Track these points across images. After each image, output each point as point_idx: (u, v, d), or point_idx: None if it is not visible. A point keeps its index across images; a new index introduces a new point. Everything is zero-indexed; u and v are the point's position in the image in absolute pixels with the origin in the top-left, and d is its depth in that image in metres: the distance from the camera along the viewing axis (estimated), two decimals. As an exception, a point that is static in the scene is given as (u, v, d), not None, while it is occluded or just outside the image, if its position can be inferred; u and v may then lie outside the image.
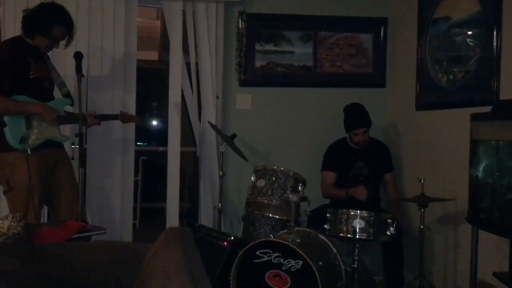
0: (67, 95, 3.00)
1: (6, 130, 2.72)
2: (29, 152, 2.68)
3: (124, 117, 3.24)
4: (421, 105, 3.60)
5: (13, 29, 3.51)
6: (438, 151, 3.37)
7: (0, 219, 2.13)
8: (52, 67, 2.97)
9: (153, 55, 6.28)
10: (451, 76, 3.24)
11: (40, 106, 2.79)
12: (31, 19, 2.83)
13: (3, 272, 1.58)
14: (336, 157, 3.63)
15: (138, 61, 3.81)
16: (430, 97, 3.48)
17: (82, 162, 2.63)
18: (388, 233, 2.88)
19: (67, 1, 3.42)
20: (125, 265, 1.75)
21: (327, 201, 3.61)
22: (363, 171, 3.57)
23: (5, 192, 2.80)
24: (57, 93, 3.02)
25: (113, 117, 3.20)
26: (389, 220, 2.89)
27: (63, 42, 2.93)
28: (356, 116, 3.54)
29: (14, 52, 2.81)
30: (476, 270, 2.56)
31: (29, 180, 2.66)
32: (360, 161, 3.57)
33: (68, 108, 3.03)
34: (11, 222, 2.09)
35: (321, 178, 3.65)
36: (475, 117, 2.49)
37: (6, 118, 2.73)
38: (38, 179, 2.77)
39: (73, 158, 2.81)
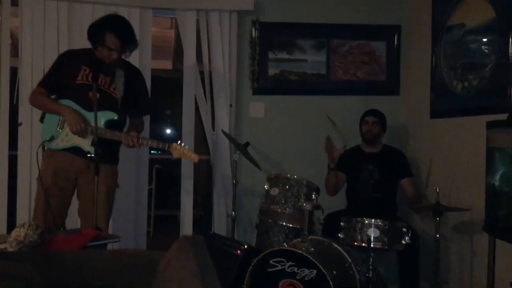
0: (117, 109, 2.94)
1: (43, 126, 2.90)
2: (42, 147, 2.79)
3: (177, 151, 2.98)
4: (435, 113, 3.57)
5: (30, 39, 3.57)
6: (453, 159, 3.33)
7: (17, 227, 2.16)
8: (119, 81, 2.93)
9: (167, 64, 6.34)
10: (466, 83, 3.21)
11: (67, 110, 2.82)
12: (88, 30, 2.89)
13: (19, 280, 1.60)
14: (348, 159, 3.61)
15: (153, 70, 3.85)
16: (445, 104, 3.46)
17: (97, 171, 2.65)
18: (403, 242, 2.84)
19: (83, 12, 3.48)
20: (139, 272, 1.76)
21: (341, 207, 3.58)
22: (374, 175, 3.55)
23: None
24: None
25: (160, 147, 2.97)
26: (404, 229, 2.85)
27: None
28: (370, 109, 3.64)
29: (69, 57, 2.97)
30: (494, 280, 2.52)
31: (43, 177, 2.78)
32: (371, 165, 3.56)
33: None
34: (27, 230, 2.11)
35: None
36: (491, 125, 2.47)
37: (46, 115, 2.91)
38: (54, 180, 2.83)
39: (88, 167, 2.82)
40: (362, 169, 3.57)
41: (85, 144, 2.85)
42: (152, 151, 4.81)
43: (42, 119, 2.95)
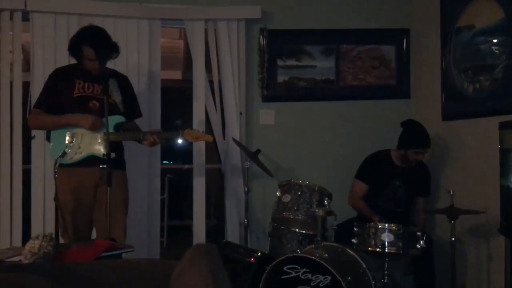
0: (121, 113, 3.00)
1: (51, 144, 2.91)
2: (57, 165, 2.77)
3: (190, 136, 3.05)
4: (447, 115, 3.54)
5: (42, 54, 3.62)
6: (467, 161, 3.30)
7: (31, 239, 2.18)
8: (113, 88, 2.99)
9: (177, 74, 6.37)
10: (477, 85, 3.18)
11: (76, 116, 2.87)
12: (68, 47, 2.96)
13: (34, 291, 1.61)
14: (375, 169, 3.50)
15: (162, 80, 3.87)
16: (457, 106, 3.43)
17: (109, 182, 2.67)
18: (418, 246, 2.81)
19: (92, 23, 3.51)
20: (153, 282, 1.76)
21: (353, 214, 3.56)
22: (399, 191, 3.44)
23: None
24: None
25: (174, 136, 3.14)
26: (418, 233, 2.82)
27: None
28: (421, 134, 3.38)
29: (60, 73, 3.02)
30: (511, 283, 2.48)
31: (62, 196, 2.79)
32: (398, 180, 3.44)
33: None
34: (41, 241, 2.13)
35: (352, 184, 3.55)
36: (504, 126, 2.45)
37: (51, 133, 2.92)
38: (71, 196, 2.85)
39: (101, 178, 2.84)
40: (389, 183, 3.45)
41: (99, 150, 2.87)
42: (164, 161, 4.84)
43: (48, 138, 2.96)
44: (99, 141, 2.89)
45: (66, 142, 2.87)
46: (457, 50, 3.40)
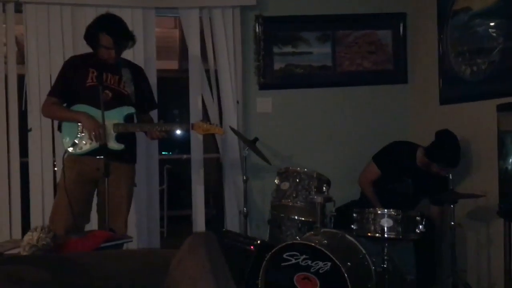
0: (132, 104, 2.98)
1: (62, 133, 2.92)
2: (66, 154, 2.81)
3: (201, 128, 3.03)
4: (445, 99, 3.53)
5: (36, 46, 3.59)
6: (465, 145, 3.29)
7: (30, 231, 2.17)
8: (127, 79, 2.97)
9: (173, 64, 6.33)
10: (474, 68, 3.17)
11: (81, 115, 2.85)
12: (85, 34, 2.94)
13: (33, 284, 1.60)
14: (394, 160, 3.34)
15: (158, 70, 3.84)
16: (454, 90, 3.42)
17: (107, 172, 2.66)
18: (418, 231, 2.81)
19: (86, 13, 3.49)
20: (152, 271, 1.76)
21: (352, 198, 3.53)
22: (408, 190, 3.31)
23: None
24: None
25: (184, 128, 3.12)
26: (418, 218, 2.82)
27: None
28: (453, 153, 3.10)
29: (74, 62, 3.01)
30: (511, 266, 2.48)
31: (67, 180, 2.81)
32: (411, 179, 3.30)
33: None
34: (40, 233, 2.13)
35: (367, 165, 3.43)
36: (501, 108, 2.44)
37: (63, 123, 2.93)
38: (76, 185, 2.85)
39: (98, 169, 2.83)
40: (401, 178, 3.32)
41: (110, 142, 2.86)
42: (163, 152, 4.82)
43: (59, 128, 2.96)
44: (109, 132, 2.88)
45: (78, 132, 2.88)
46: (454, 34, 3.37)
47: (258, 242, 2.94)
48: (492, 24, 2.98)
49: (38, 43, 3.59)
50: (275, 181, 3.26)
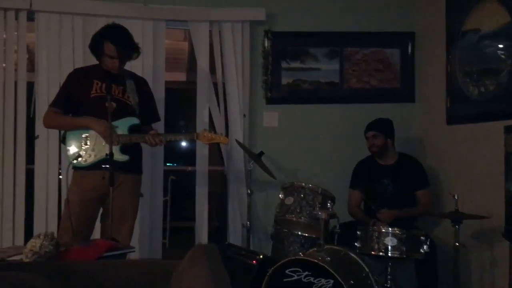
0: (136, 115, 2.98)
1: (66, 146, 2.91)
2: (70, 166, 2.81)
3: (205, 138, 3.00)
4: (452, 119, 3.52)
5: (46, 54, 3.62)
6: (472, 166, 3.28)
7: (33, 238, 2.17)
8: (131, 90, 2.98)
9: (181, 76, 6.37)
10: (482, 89, 3.16)
11: (89, 120, 2.87)
12: (90, 44, 2.97)
13: (34, 290, 1.60)
14: (362, 175, 3.58)
15: (166, 82, 3.87)
16: (461, 110, 3.41)
17: (111, 181, 2.66)
18: (422, 250, 2.79)
19: (97, 23, 3.53)
20: (154, 282, 1.75)
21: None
22: (388, 189, 3.46)
23: None
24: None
25: (188, 138, 3.12)
26: (422, 238, 2.80)
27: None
28: (369, 122, 3.54)
29: (78, 73, 3.04)
30: (516, 289, 2.45)
31: (71, 196, 2.83)
32: (385, 179, 3.47)
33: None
34: (43, 240, 2.13)
35: (348, 194, 3.62)
36: (509, 129, 2.43)
37: (67, 136, 2.92)
38: (82, 198, 2.85)
39: (103, 178, 2.83)
40: (376, 183, 3.49)
41: (115, 153, 2.78)
42: (167, 163, 4.83)
43: (64, 140, 2.95)
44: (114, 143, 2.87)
45: (82, 144, 2.88)
46: (462, 54, 3.38)
47: (261, 256, 2.92)
48: (501, 46, 2.99)
49: (49, 52, 3.63)
50: (280, 195, 3.25)
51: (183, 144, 7.12)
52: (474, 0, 3.25)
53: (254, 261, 2.89)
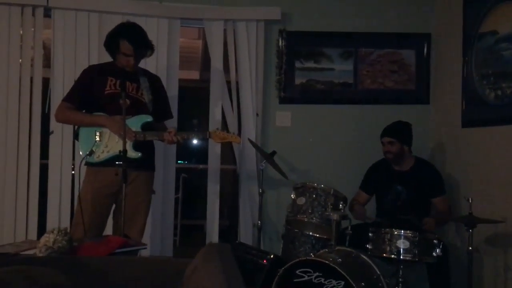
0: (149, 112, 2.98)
1: (79, 142, 2.93)
2: (83, 162, 2.83)
3: (218, 137, 3.00)
4: (467, 122, 3.49)
5: (62, 51, 3.65)
6: (486, 169, 3.24)
7: (47, 233, 2.19)
8: (145, 87, 2.99)
9: (195, 74, 6.39)
10: (499, 92, 3.13)
11: (103, 117, 2.89)
12: (105, 41, 2.98)
13: (49, 285, 1.61)
14: (374, 178, 3.54)
15: (180, 80, 3.88)
16: (477, 113, 3.37)
17: (125, 179, 2.67)
18: (434, 254, 2.76)
19: (113, 20, 3.54)
20: (166, 280, 1.76)
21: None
22: (401, 195, 3.39)
23: None
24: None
25: (201, 137, 3.11)
26: (435, 241, 2.78)
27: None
28: (387, 126, 3.45)
29: (93, 70, 3.06)
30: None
31: (83, 192, 2.85)
32: (399, 185, 3.40)
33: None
34: (56, 235, 2.14)
35: (356, 192, 3.62)
36: (526, 133, 2.39)
37: (80, 131, 2.93)
38: (94, 194, 2.86)
39: (116, 174, 2.85)
40: (390, 189, 3.42)
41: (128, 149, 2.78)
42: (179, 161, 4.83)
43: (77, 136, 2.97)
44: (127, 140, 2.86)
45: (95, 140, 2.89)
46: (479, 56, 3.34)
47: (271, 256, 2.91)
48: (518, 48, 2.95)
49: (65, 48, 3.66)
50: (291, 195, 3.24)
51: (195, 142, 7.15)
52: (492, 2, 3.21)
53: (264, 261, 2.88)
